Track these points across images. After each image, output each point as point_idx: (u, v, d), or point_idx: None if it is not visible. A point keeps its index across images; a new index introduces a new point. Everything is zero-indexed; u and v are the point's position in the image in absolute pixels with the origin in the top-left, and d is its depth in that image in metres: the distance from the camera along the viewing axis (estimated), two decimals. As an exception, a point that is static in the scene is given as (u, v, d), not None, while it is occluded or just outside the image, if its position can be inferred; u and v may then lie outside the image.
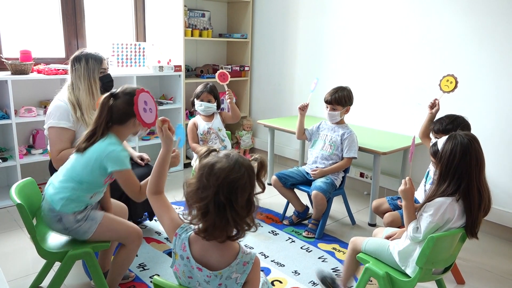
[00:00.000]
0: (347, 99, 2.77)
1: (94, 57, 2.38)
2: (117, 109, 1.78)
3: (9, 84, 2.92)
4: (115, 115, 1.79)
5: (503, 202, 2.80)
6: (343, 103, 2.76)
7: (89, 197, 1.84)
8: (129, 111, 1.74)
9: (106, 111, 1.77)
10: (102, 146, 1.76)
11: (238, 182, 1.14)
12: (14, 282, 2.12)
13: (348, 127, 2.85)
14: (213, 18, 4.33)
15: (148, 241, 2.59)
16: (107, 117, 1.78)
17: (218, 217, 1.14)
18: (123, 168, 1.77)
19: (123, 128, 1.82)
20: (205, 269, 1.21)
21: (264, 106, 4.48)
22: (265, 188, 1.23)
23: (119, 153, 1.76)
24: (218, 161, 1.16)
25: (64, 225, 1.81)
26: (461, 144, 1.66)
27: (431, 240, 1.61)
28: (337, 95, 2.75)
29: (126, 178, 1.78)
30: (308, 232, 2.75)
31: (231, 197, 1.13)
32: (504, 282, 2.33)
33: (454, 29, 2.93)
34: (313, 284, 2.20)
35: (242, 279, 1.21)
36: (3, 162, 3.01)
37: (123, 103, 1.78)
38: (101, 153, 1.75)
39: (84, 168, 1.78)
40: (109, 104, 1.78)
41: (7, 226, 2.75)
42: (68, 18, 3.54)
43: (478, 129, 2.40)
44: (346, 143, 2.78)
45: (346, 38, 3.60)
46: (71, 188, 1.79)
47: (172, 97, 3.95)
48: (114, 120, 1.80)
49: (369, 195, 3.47)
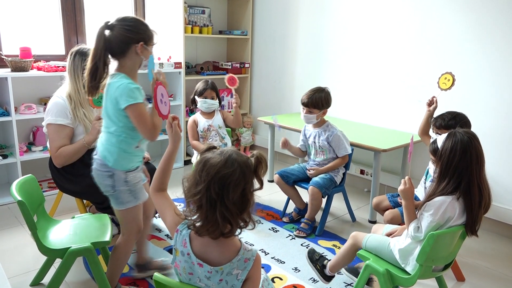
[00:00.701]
0: (324, 102, 2.65)
1: (81, 53, 2.34)
2: (115, 39, 1.71)
3: (9, 81, 2.91)
4: (115, 47, 1.73)
5: (503, 199, 2.80)
6: (320, 106, 2.65)
7: (134, 147, 1.83)
8: (128, 39, 1.70)
9: (102, 42, 1.70)
10: (111, 85, 1.73)
11: (229, 177, 1.14)
12: (15, 279, 2.13)
13: (330, 126, 2.76)
14: (213, 15, 4.32)
15: (149, 238, 2.59)
16: (105, 50, 1.71)
17: (210, 212, 1.15)
18: (134, 102, 1.69)
19: (127, 61, 1.75)
20: (206, 265, 1.21)
21: (264, 103, 4.48)
22: (263, 184, 1.22)
23: (127, 86, 1.70)
24: (212, 157, 1.17)
25: (113, 182, 1.83)
26: (461, 141, 1.66)
27: (432, 238, 1.61)
28: (314, 98, 2.63)
29: (138, 113, 1.71)
30: (300, 231, 2.73)
31: (223, 192, 1.13)
32: (504, 279, 2.33)
33: (453, 26, 2.92)
34: (313, 281, 2.20)
35: (243, 276, 1.21)
36: (3, 159, 3.01)
37: (120, 30, 1.71)
38: (113, 91, 1.71)
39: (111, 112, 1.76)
40: (104, 35, 1.71)
41: (8, 223, 2.76)
42: (68, 15, 3.54)
43: (478, 126, 2.40)
44: (334, 145, 2.73)
45: (346, 35, 3.59)
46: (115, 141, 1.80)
47: (172, 94, 3.95)
48: (115, 54, 1.74)
49: (369, 192, 3.47)
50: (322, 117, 2.75)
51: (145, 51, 1.76)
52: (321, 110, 2.68)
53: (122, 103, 1.70)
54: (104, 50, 1.72)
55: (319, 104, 2.65)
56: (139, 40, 1.74)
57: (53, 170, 2.45)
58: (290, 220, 2.91)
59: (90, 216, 2.19)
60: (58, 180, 2.47)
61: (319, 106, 2.66)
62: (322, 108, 2.68)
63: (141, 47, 1.75)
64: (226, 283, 1.21)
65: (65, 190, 2.49)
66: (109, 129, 1.81)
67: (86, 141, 2.34)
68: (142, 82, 1.84)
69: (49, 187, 3.27)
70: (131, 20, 1.75)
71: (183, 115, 3.89)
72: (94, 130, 2.33)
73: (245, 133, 4.40)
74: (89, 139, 2.34)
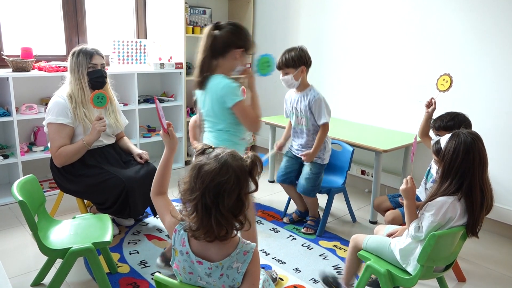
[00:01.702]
0: (296, 60, 2.49)
1: (84, 52, 2.38)
2: (220, 39, 1.84)
3: (10, 81, 2.92)
4: (218, 46, 1.85)
5: (504, 199, 2.80)
6: (292, 64, 2.49)
7: (240, 139, 1.97)
8: (231, 41, 1.83)
9: (210, 41, 1.84)
10: (214, 85, 1.86)
11: (224, 185, 1.14)
12: (16, 279, 2.13)
13: (313, 90, 2.59)
14: (214, 15, 4.32)
15: (150, 238, 2.59)
16: (212, 49, 1.85)
17: (205, 217, 1.16)
18: (238, 100, 1.85)
19: (225, 62, 1.88)
20: (205, 262, 1.21)
21: (265, 103, 4.45)
22: (258, 186, 1.22)
23: (230, 85, 1.84)
24: (207, 163, 1.17)
25: None
26: (464, 142, 1.65)
27: (433, 238, 1.61)
28: (283, 58, 2.51)
29: (242, 108, 1.87)
30: (307, 228, 2.74)
31: (218, 200, 1.14)
32: (505, 280, 2.33)
33: (454, 26, 2.92)
34: (314, 281, 2.20)
35: (243, 268, 1.21)
36: (4, 159, 3.01)
37: (227, 32, 1.85)
38: (219, 91, 1.85)
39: (218, 111, 1.89)
40: (213, 34, 1.84)
41: (9, 223, 2.76)
42: (69, 15, 3.54)
43: (478, 125, 2.40)
44: (314, 110, 2.56)
45: (347, 35, 3.59)
46: (226, 136, 1.91)
47: (173, 94, 3.95)
48: (216, 53, 1.86)
49: (370, 193, 3.47)
50: (304, 79, 2.59)
51: (243, 58, 1.90)
52: (296, 68, 2.51)
53: (229, 102, 1.84)
54: (210, 48, 1.86)
55: (290, 62, 2.49)
56: (240, 46, 1.87)
57: (54, 170, 2.45)
58: (290, 221, 2.90)
59: (91, 216, 2.19)
60: (58, 180, 2.47)
61: (292, 65, 2.50)
62: (296, 67, 2.50)
63: (240, 53, 1.88)
64: (227, 277, 1.22)
65: (66, 190, 2.50)
66: (217, 126, 1.93)
67: (86, 141, 2.34)
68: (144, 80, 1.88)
69: (50, 187, 3.27)
70: (238, 26, 1.90)
71: (184, 116, 3.89)
72: (94, 130, 2.34)
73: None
74: (89, 139, 2.34)
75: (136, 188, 2.38)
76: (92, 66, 2.40)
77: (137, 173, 2.47)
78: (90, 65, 2.39)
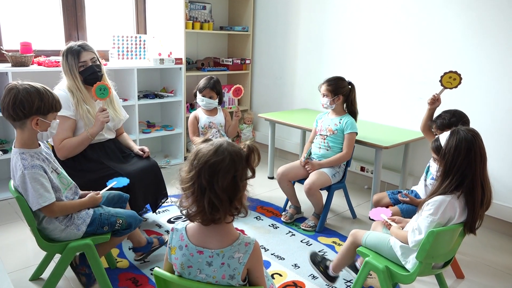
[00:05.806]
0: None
1: (71, 52, 2.37)
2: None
3: (9, 76, 2.91)
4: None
5: (503, 196, 2.80)
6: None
7: None
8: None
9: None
10: None
11: (219, 165, 1.17)
12: (14, 274, 2.13)
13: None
14: (214, 11, 4.30)
15: (149, 233, 2.59)
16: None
17: (200, 197, 1.19)
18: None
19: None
20: (206, 250, 1.24)
21: (265, 100, 4.47)
22: (254, 172, 1.25)
23: None
24: (204, 147, 1.22)
25: None
26: (465, 140, 1.64)
27: (431, 235, 1.61)
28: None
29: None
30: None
31: (212, 179, 1.17)
32: (504, 276, 2.33)
33: (455, 24, 2.90)
34: (312, 277, 2.21)
35: (245, 259, 1.23)
36: (3, 154, 3.01)
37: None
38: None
39: None
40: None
41: (8, 218, 2.76)
42: (69, 10, 3.53)
43: (477, 123, 2.39)
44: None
45: (347, 32, 3.58)
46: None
47: (173, 90, 3.94)
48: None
49: (370, 189, 3.47)
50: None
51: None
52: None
53: None
54: None
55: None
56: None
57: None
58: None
59: (90, 212, 2.18)
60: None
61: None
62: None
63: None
64: (229, 267, 1.23)
65: (66, 185, 2.49)
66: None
67: (90, 133, 2.35)
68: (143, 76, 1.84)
69: (49, 183, 3.26)
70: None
71: (183, 111, 3.89)
72: (97, 121, 2.34)
73: (246, 129, 4.40)
74: (93, 131, 2.35)
75: (137, 183, 2.38)
76: (82, 65, 2.40)
77: (138, 169, 2.47)
78: (80, 64, 2.38)
